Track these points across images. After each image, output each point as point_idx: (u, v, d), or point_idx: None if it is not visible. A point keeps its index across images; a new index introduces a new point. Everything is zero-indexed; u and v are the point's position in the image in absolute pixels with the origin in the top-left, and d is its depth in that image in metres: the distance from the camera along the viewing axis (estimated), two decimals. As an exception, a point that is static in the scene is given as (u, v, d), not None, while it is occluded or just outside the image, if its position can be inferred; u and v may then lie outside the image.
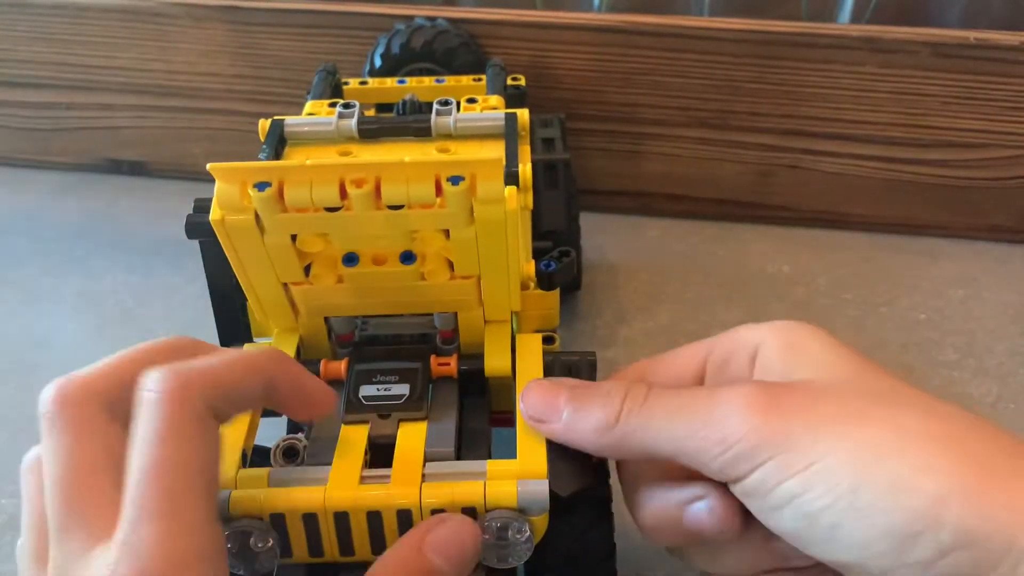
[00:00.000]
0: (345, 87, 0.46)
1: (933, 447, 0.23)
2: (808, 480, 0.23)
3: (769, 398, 0.24)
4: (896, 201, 0.54)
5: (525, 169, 0.33)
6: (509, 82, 0.46)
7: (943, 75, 0.49)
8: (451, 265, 0.30)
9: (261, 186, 0.26)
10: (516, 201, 0.28)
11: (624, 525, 0.31)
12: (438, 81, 0.45)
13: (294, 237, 0.29)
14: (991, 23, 0.51)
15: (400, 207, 0.27)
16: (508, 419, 0.33)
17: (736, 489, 0.25)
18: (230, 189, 0.27)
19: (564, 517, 0.28)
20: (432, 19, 0.51)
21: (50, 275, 0.53)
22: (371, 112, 0.41)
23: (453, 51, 0.49)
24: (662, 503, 0.28)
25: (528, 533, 0.26)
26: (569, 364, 0.32)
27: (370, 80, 0.46)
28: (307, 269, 0.30)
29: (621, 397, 0.27)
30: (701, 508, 0.27)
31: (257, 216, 0.28)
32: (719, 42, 0.50)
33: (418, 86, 0.45)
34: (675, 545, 0.30)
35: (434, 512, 0.26)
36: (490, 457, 0.30)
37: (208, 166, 0.26)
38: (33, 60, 0.58)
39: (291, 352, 0.32)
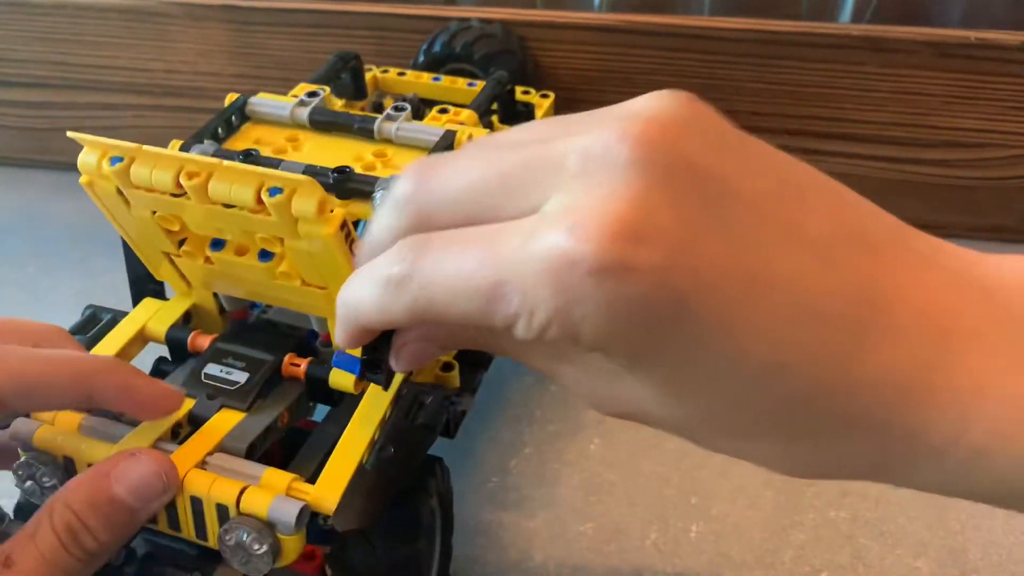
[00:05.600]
0: (384, 75, 0.47)
1: None
2: None
3: None
4: (897, 201, 0.54)
5: None
6: (521, 97, 0.46)
7: (944, 75, 0.49)
8: None
9: (114, 160, 0.29)
10: (338, 223, 0.28)
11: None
12: (470, 85, 0.46)
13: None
14: (992, 23, 0.51)
15: (233, 206, 0.28)
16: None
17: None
18: (90, 159, 0.29)
19: (362, 540, 0.29)
20: (488, 21, 0.50)
21: (50, 275, 0.53)
22: (389, 101, 0.42)
23: (491, 56, 0.49)
24: None
25: (263, 548, 0.26)
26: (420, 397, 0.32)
27: (408, 72, 0.47)
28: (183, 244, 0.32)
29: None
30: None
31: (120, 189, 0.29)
32: (720, 42, 0.50)
33: (451, 86, 0.46)
34: None
35: (192, 499, 0.27)
36: (323, 466, 0.29)
37: (68, 133, 0.28)
38: (33, 60, 0.57)
39: (179, 314, 0.34)
